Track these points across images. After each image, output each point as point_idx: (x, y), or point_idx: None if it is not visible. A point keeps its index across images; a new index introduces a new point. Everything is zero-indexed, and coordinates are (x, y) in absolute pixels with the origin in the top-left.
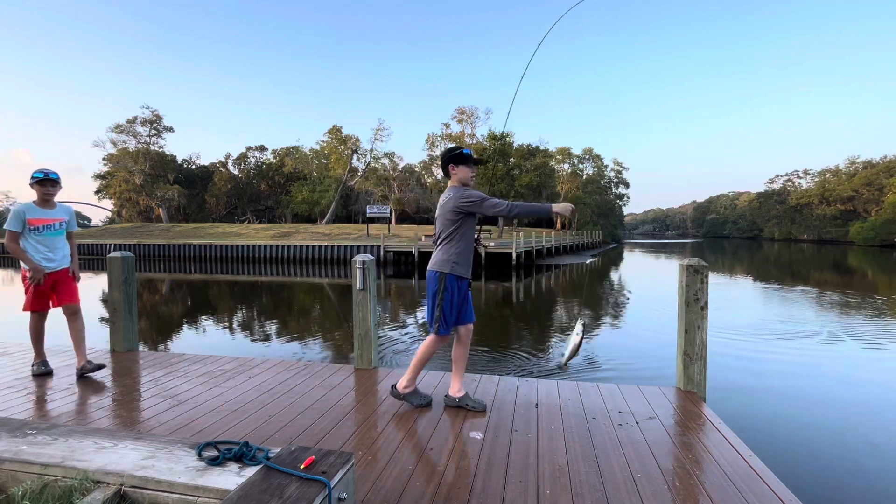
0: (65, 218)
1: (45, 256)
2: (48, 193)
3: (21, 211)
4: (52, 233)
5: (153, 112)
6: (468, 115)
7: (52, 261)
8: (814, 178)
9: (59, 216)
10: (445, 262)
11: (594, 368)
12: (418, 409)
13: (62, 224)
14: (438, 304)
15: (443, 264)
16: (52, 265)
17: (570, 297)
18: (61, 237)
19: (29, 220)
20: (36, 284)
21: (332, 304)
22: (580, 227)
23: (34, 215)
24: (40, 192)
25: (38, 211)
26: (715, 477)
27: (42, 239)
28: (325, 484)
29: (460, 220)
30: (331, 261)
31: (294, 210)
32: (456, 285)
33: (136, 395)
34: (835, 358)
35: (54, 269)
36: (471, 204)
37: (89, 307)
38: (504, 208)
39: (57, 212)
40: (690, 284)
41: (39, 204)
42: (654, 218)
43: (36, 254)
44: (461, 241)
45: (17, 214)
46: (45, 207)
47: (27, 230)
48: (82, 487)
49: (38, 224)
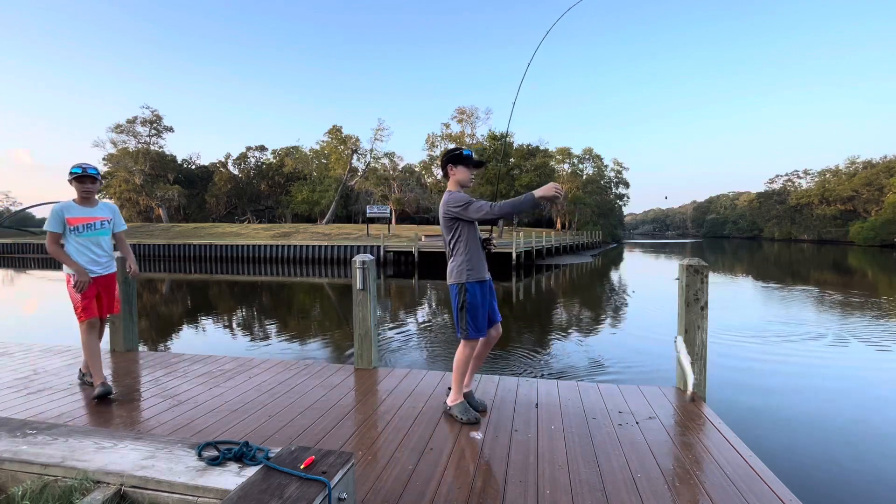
0: (108, 216)
1: (89, 259)
2: (87, 190)
3: (59, 210)
4: (94, 232)
5: (153, 112)
6: (468, 115)
7: (96, 264)
8: (814, 178)
9: (102, 214)
10: (461, 272)
11: (594, 368)
12: (418, 409)
13: (105, 223)
14: (465, 312)
15: (459, 275)
16: (97, 269)
17: (570, 297)
18: (105, 237)
19: (68, 219)
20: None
21: (332, 304)
22: (580, 227)
23: (73, 214)
24: (79, 189)
25: (77, 209)
26: (715, 477)
27: (83, 240)
28: (325, 484)
29: (458, 224)
30: (331, 261)
31: (294, 210)
32: (478, 289)
33: (136, 395)
34: (835, 358)
35: (100, 273)
36: (457, 209)
37: None
38: (488, 211)
39: (99, 210)
40: (690, 284)
41: (79, 202)
42: (654, 218)
43: (79, 256)
44: (468, 245)
45: (56, 214)
46: (85, 205)
47: (67, 231)
48: (82, 487)
49: (77, 223)
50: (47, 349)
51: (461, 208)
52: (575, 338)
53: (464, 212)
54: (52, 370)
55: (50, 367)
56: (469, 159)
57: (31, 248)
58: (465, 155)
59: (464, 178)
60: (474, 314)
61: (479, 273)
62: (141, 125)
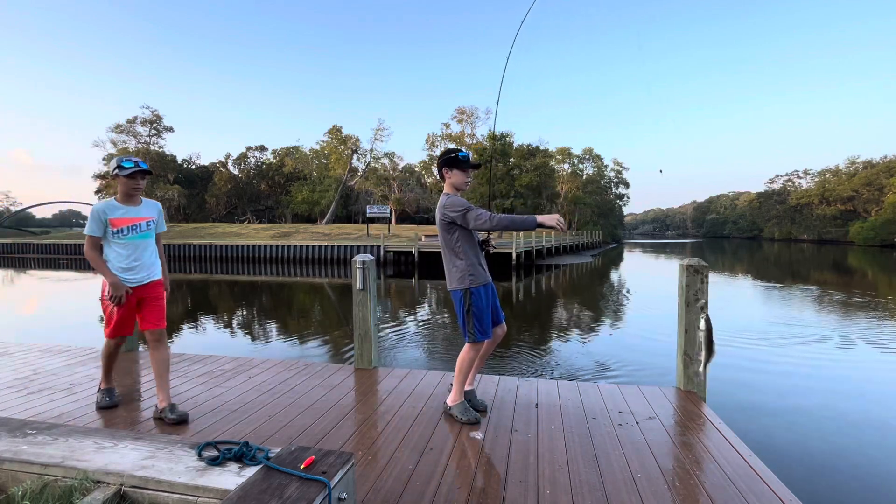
0: (153, 216)
1: (131, 266)
2: (137, 188)
3: (101, 210)
4: (139, 235)
5: (153, 112)
6: (468, 115)
7: (138, 271)
8: (814, 178)
9: (147, 214)
10: (463, 277)
11: (594, 368)
12: (418, 409)
13: (150, 224)
14: (471, 316)
15: (461, 280)
16: (140, 277)
17: (570, 297)
18: (150, 241)
19: (111, 220)
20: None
21: (332, 304)
22: (580, 227)
23: (117, 214)
24: (128, 186)
25: (121, 209)
26: (715, 477)
27: (127, 243)
28: (325, 484)
29: (455, 228)
30: (331, 261)
31: (294, 210)
32: (482, 292)
33: (136, 395)
34: (836, 358)
35: (142, 282)
36: (455, 214)
37: (90, 307)
38: (486, 221)
39: (144, 209)
40: (690, 284)
41: (123, 200)
42: (654, 218)
43: (120, 262)
44: (466, 249)
45: (97, 215)
46: (129, 204)
47: (109, 233)
48: (82, 487)
49: (122, 225)
50: (47, 349)
51: (459, 214)
52: (575, 338)
53: (461, 218)
54: (52, 370)
55: (50, 367)
56: (465, 162)
57: (31, 248)
58: (460, 158)
59: (459, 182)
60: (480, 318)
61: (482, 277)
62: (141, 125)
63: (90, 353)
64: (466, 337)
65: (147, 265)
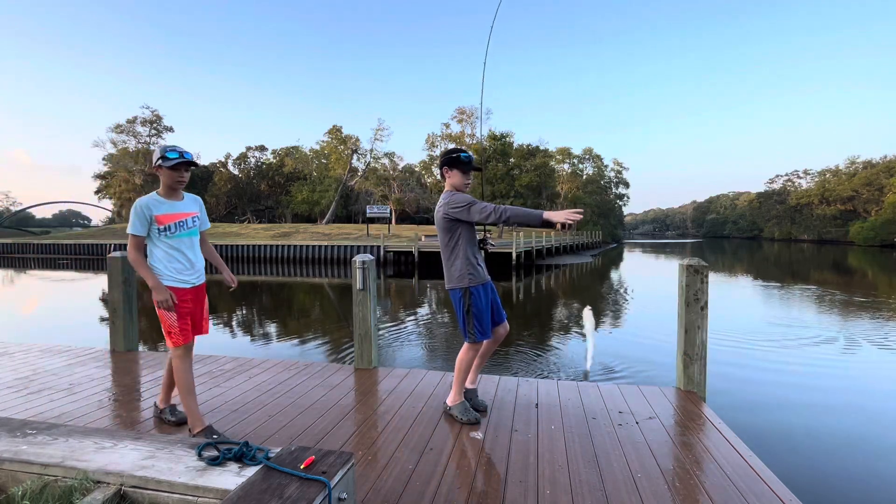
0: (197, 212)
1: (182, 266)
2: (181, 180)
3: (144, 206)
4: (187, 232)
5: (153, 112)
6: (468, 115)
7: (190, 272)
8: (814, 178)
9: (191, 209)
10: (461, 277)
11: (594, 368)
12: (418, 409)
13: (195, 220)
14: (471, 316)
15: (460, 279)
16: (192, 279)
17: (570, 297)
18: (197, 239)
19: (157, 217)
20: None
21: (332, 304)
22: (580, 227)
23: (162, 210)
24: (172, 179)
25: (165, 204)
26: (715, 477)
27: (175, 242)
28: (325, 484)
29: (457, 227)
30: (331, 261)
31: (294, 210)
32: (481, 291)
33: (136, 395)
34: (836, 358)
35: (195, 283)
36: (458, 210)
37: (90, 307)
38: (491, 213)
39: (187, 203)
40: (690, 284)
41: (166, 194)
42: (654, 218)
43: (171, 263)
44: (465, 248)
45: (142, 211)
46: (173, 198)
47: (155, 232)
48: (82, 487)
49: (168, 222)
50: (47, 349)
51: (462, 209)
52: (575, 338)
53: (465, 213)
54: (52, 370)
55: (50, 367)
56: (465, 164)
57: (31, 248)
58: (461, 159)
59: (458, 183)
60: (480, 318)
61: (481, 276)
62: (141, 125)
63: (90, 353)
64: (466, 337)
65: (198, 265)
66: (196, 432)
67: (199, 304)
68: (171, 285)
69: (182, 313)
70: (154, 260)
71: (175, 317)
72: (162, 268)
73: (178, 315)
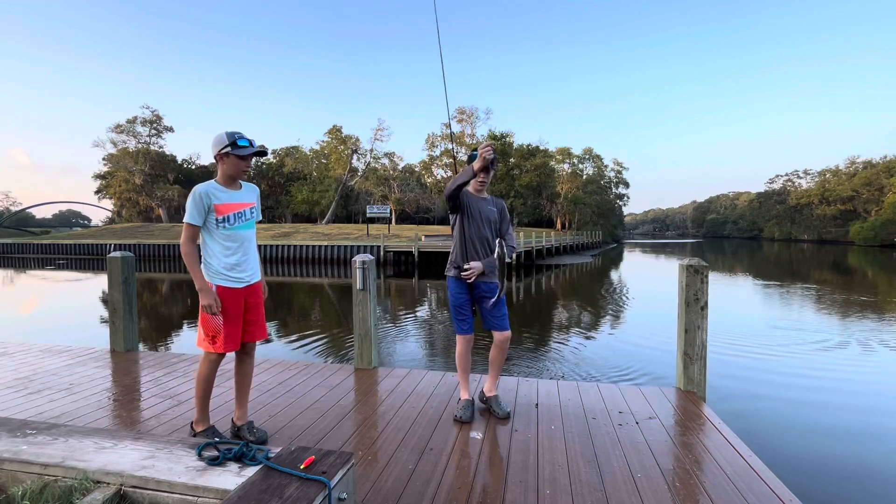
0: (255, 202)
1: (238, 262)
2: (247, 170)
3: (204, 193)
4: (244, 225)
5: (153, 112)
6: (468, 115)
7: (246, 268)
8: (814, 178)
9: (250, 199)
10: (448, 266)
11: (594, 368)
12: (418, 409)
13: (253, 211)
14: (449, 305)
15: (448, 268)
16: (247, 276)
17: (570, 297)
18: (253, 232)
19: (216, 206)
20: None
21: (332, 304)
22: (580, 227)
23: (221, 199)
24: (239, 168)
25: (225, 192)
26: (715, 477)
27: (233, 234)
28: (325, 484)
29: (454, 218)
30: (331, 261)
31: (294, 210)
32: (454, 287)
33: (136, 395)
34: (836, 357)
35: (249, 281)
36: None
37: (90, 307)
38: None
39: (246, 193)
40: (690, 284)
41: (226, 182)
42: (654, 218)
43: (226, 258)
44: (458, 240)
45: (199, 200)
46: (232, 187)
47: (213, 223)
48: (82, 487)
49: (228, 212)
50: (47, 349)
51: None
52: (575, 338)
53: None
54: (52, 370)
55: (50, 367)
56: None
57: (31, 249)
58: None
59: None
60: (456, 309)
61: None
62: (141, 125)
63: (90, 353)
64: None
65: (253, 261)
66: (199, 431)
67: (255, 306)
68: (224, 284)
69: (232, 316)
70: (208, 254)
71: (221, 322)
72: (216, 263)
73: (227, 319)
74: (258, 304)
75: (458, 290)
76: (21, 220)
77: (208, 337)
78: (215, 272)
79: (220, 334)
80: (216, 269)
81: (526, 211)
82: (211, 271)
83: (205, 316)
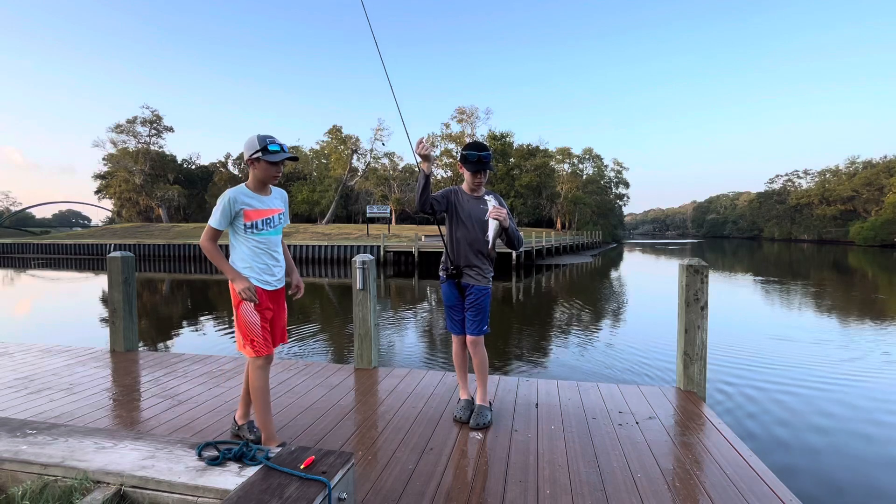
0: (283, 208)
1: (265, 266)
2: (278, 176)
3: (233, 199)
4: (272, 231)
5: (153, 112)
6: (468, 115)
7: (273, 272)
8: (814, 178)
9: (279, 205)
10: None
11: (594, 368)
12: (418, 409)
13: (281, 217)
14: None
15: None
16: (274, 281)
17: (570, 297)
18: (280, 238)
19: (245, 212)
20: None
21: (332, 304)
22: (580, 227)
23: (251, 205)
24: (269, 174)
25: (254, 199)
26: (715, 477)
27: (261, 240)
28: (325, 484)
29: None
30: (331, 261)
31: (294, 210)
32: (446, 288)
33: (136, 395)
34: (836, 357)
35: (276, 287)
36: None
37: (90, 307)
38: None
39: (274, 199)
40: (690, 284)
41: (256, 188)
42: (654, 218)
43: (255, 262)
44: (446, 243)
45: (228, 205)
46: (262, 193)
47: (241, 228)
48: (82, 487)
49: (256, 218)
50: (47, 349)
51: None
52: (575, 338)
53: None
54: (52, 370)
55: (50, 367)
56: (471, 163)
57: (31, 249)
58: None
59: (467, 179)
60: (447, 308)
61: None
62: (141, 125)
63: (90, 353)
64: None
65: (280, 267)
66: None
67: (280, 310)
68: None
69: (265, 317)
70: (236, 258)
71: (259, 322)
72: (245, 267)
73: (263, 318)
74: (283, 307)
75: (449, 291)
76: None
77: (247, 340)
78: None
79: (258, 337)
80: (241, 271)
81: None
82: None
83: (243, 321)
